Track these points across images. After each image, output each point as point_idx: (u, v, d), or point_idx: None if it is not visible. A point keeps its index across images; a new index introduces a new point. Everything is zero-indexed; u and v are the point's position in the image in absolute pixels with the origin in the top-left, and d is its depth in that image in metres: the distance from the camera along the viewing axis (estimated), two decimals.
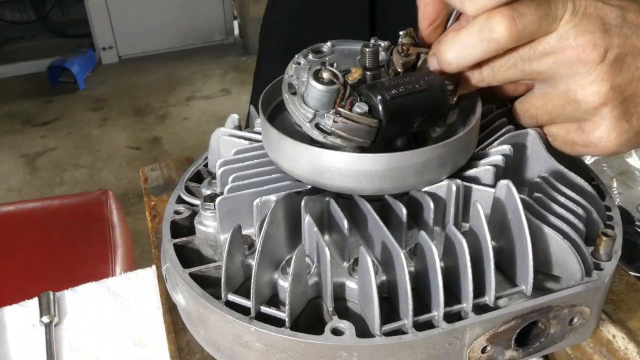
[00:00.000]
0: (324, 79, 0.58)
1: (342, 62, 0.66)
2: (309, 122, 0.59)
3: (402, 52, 0.63)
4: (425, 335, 0.51)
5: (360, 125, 0.56)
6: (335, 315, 0.54)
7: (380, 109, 0.56)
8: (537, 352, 0.58)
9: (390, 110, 0.56)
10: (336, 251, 0.60)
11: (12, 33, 5.12)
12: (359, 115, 0.56)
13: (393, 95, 0.56)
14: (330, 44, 0.69)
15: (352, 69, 0.61)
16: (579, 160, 0.70)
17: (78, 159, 3.67)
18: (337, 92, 0.58)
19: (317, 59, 0.66)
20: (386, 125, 0.56)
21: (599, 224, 0.61)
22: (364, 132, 0.56)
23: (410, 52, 0.63)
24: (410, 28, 0.66)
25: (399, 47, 0.63)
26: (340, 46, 0.70)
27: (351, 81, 0.59)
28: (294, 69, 0.64)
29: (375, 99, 0.56)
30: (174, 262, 0.62)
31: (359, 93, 0.58)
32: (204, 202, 0.65)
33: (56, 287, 0.82)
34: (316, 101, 0.59)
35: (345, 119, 0.56)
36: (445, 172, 0.60)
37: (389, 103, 0.56)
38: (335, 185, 0.59)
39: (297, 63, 0.65)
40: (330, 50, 0.68)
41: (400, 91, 0.57)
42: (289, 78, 0.64)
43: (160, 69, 4.72)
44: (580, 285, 0.56)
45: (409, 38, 0.65)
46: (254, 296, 0.54)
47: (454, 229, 0.54)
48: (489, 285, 0.54)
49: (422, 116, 0.58)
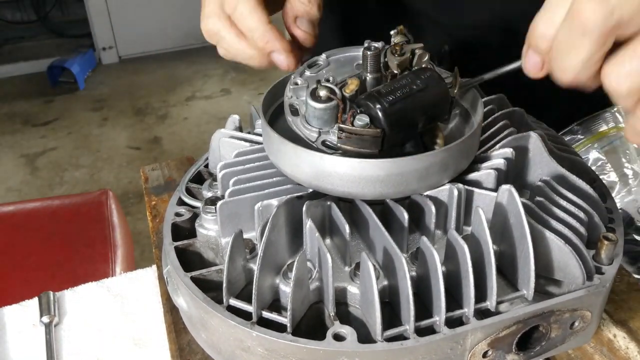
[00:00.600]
0: (322, 97, 0.59)
1: (339, 72, 0.66)
2: (314, 142, 0.60)
3: (396, 52, 0.63)
4: (426, 340, 0.51)
5: (364, 137, 0.56)
6: (336, 320, 0.54)
7: (381, 117, 0.56)
8: (538, 355, 0.58)
9: (390, 117, 0.56)
10: (338, 256, 0.60)
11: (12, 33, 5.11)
12: (361, 127, 0.56)
13: (391, 102, 0.56)
14: (324, 55, 0.69)
15: (348, 81, 0.61)
16: (581, 161, 0.70)
17: (78, 159, 3.66)
18: (336, 108, 0.59)
19: (314, 74, 0.66)
20: (389, 132, 0.56)
21: (600, 227, 0.61)
22: (369, 143, 0.56)
23: (405, 50, 0.63)
24: (400, 26, 0.66)
25: (393, 48, 0.63)
26: (335, 56, 0.70)
27: (349, 93, 0.60)
28: (292, 89, 0.64)
29: (374, 109, 0.56)
30: (175, 265, 0.62)
31: (358, 104, 0.58)
32: (205, 205, 0.65)
33: (56, 287, 0.82)
34: (318, 120, 0.60)
35: (348, 134, 0.56)
36: (446, 176, 0.60)
37: (388, 110, 0.56)
38: (337, 189, 0.58)
39: (295, 84, 0.65)
40: (325, 62, 0.68)
41: (398, 95, 0.57)
42: (289, 100, 0.64)
43: (160, 69, 4.70)
44: (581, 289, 0.56)
45: (401, 36, 0.65)
46: (256, 301, 0.54)
47: (456, 234, 0.54)
48: (491, 290, 0.54)
49: (425, 115, 0.58)
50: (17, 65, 4.74)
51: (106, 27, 4.74)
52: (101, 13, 4.67)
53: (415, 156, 0.56)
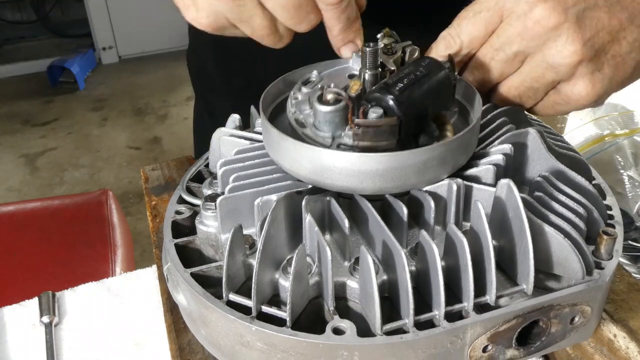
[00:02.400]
0: (330, 100, 0.60)
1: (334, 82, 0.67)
2: (329, 148, 0.60)
3: (388, 52, 0.65)
4: (426, 334, 0.51)
5: (381, 128, 0.56)
6: (336, 314, 0.54)
7: (395, 105, 0.57)
8: (538, 351, 0.58)
9: (403, 103, 0.57)
10: (337, 250, 0.60)
11: (12, 33, 5.12)
12: (377, 119, 0.57)
13: (401, 89, 0.57)
14: (315, 72, 0.70)
15: (351, 83, 0.62)
16: (580, 159, 0.70)
17: (78, 159, 3.67)
18: (346, 109, 0.60)
19: (310, 90, 0.66)
20: (404, 119, 0.57)
21: (599, 222, 0.61)
22: (387, 134, 0.57)
23: (396, 49, 0.65)
24: (386, 29, 0.68)
25: (384, 49, 0.65)
26: (326, 71, 0.71)
27: (354, 93, 0.61)
28: (294, 104, 0.65)
29: (386, 99, 0.57)
30: (175, 262, 0.62)
31: (368, 100, 0.58)
32: (205, 202, 0.65)
33: (56, 287, 0.82)
34: (329, 124, 0.60)
35: (365, 128, 0.56)
36: (445, 172, 0.60)
37: (400, 97, 0.57)
38: (336, 184, 0.59)
39: (295, 98, 0.65)
40: (318, 77, 0.69)
41: (406, 83, 0.58)
42: (293, 116, 0.65)
43: (160, 69, 4.71)
44: (581, 284, 0.56)
45: (388, 38, 0.67)
46: (255, 296, 0.54)
47: (455, 228, 0.55)
48: (490, 284, 0.54)
49: (433, 99, 0.59)
50: (17, 65, 4.75)
51: (106, 27, 4.75)
52: (101, 13, 4.68)
53: (413, 150, 0.56)
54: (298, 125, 0.63)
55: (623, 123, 1.63)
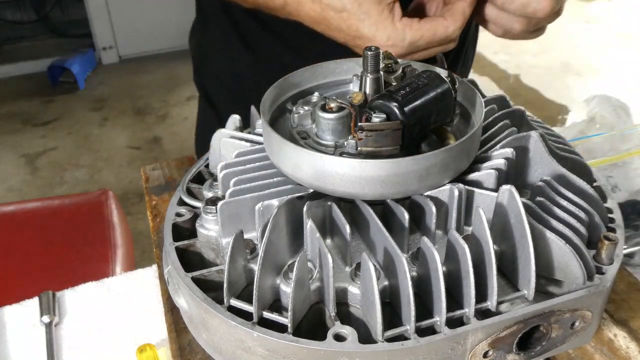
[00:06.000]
0: (333, 108, 0.61)
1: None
2: (332, 155, 0.60)
3: (389, 71, 0.67)
4: (427, 341, 0.51)
5: (385, 132, 0.57)
6: (337, 320, 0.54)
7: (398, 110, 0.58)
8: (539, 355, 0.58)
9: (406, 108, 0.58)
10: (338, 256, 0.60)
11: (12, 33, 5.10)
12: (380, 122, 0.57)
13: (404, 95, 0.58)
14: (317, 93, 0.71)
15: (352, 94, 0.63)
16: (581, 161, 0.70)
17: (78, 159, 3.66)
18: (349, 116, 0.61)
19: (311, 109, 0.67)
20: (407, 123, 0.57)
21: (600, 227, 0.61)
22: (390, 139, 0.58)
23: (396, 69, 0.68)
24: (385, 51, 0.70)
25: (384, 68, 0.67)
26: (327, 93, 0.72)
27: (357, 103, 0.61)
28: (296, 118, 0.66)
29: (390, 104, 0.58)
30: (176, 265, 0.62)
31: (371, 108, 0.59)
32: (205, 206, 0.65)
33: (56, 287, 0.82)
34: (332, 132, 0.61)
35: (369, 132, 0.57)
36: (447, 177, 0.60)
37: (403, 102, 0.58)
38: (338, 190, 0.58)
39: (297, 112, 0.66)
40: (319, 98, 0.70)
41: (408, 90, 0.59)
42: (294, 129, 0.65)
43: (160, 69, 4.70)
44: (582, 289, 0.56)
45: (388, 59, 0.69)
46: (257, 302, 0.54)
47: (456, 234, 0.54)
48: (491, 290, 0.54)
49: (435, 107, 0.60)
50: (17, 65, 4.74)
51: (106, 27, 4.74)
52: (101, 13, 4.67)
53: (415, 156, 0.56)
54: (300, 137, 0.64)
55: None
